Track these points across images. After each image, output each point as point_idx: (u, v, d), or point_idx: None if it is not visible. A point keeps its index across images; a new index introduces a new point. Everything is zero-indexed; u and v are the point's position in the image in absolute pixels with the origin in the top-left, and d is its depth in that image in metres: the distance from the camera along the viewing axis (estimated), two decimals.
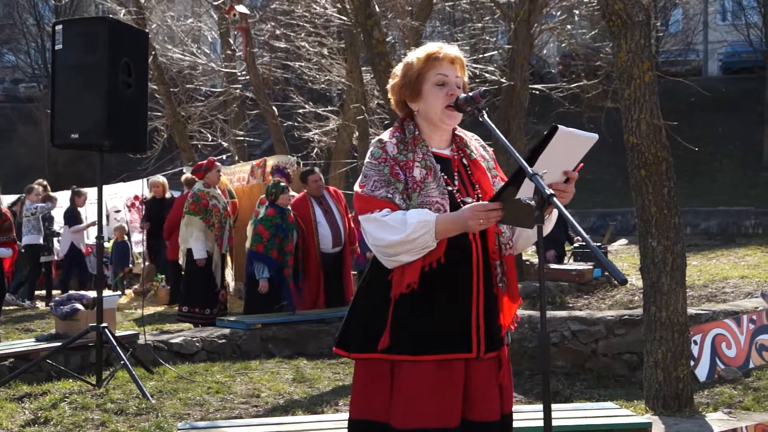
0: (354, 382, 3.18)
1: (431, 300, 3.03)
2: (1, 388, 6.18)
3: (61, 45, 6.52)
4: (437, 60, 3.14)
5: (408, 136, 3.15)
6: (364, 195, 3.07)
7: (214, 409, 5.81)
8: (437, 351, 3.01)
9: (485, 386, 3.08)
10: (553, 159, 2.90)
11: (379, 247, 3.03)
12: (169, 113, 17.75)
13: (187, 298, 10.26)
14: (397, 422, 3.00)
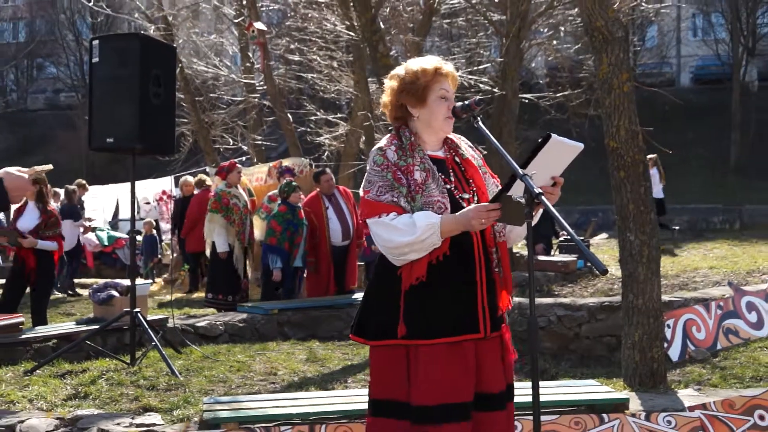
0: (372, 366, 3.21)
1: (439, 289, 3.06)
2: (46, 366, 6.19)
3: (97, 59, 6.53)
4: (442, 75, 3.17)
5: (405, 142, 3.16)
6: (370, 200, 3.09)
7: (236, 386, 5.83)
8: (449, 334, 3.04)
9: (492, 362, 3.13)
10: (544, 164, 2.94)
11: (388, 248, 3.05)
12: (194, 120, 17.78)
13: (212, 286, 10.30)
14: (418, 400, 3.02)
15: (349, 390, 5.67)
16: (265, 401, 4.86)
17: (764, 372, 6.10)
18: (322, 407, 4.63)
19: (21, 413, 4.70)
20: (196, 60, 18.37)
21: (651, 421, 4.58)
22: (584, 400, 4.74)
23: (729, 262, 12.08)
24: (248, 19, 16.50)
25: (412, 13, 13.81)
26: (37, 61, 49.44)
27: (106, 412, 4.86)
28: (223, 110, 18.87)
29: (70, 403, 5.24)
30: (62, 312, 10.25)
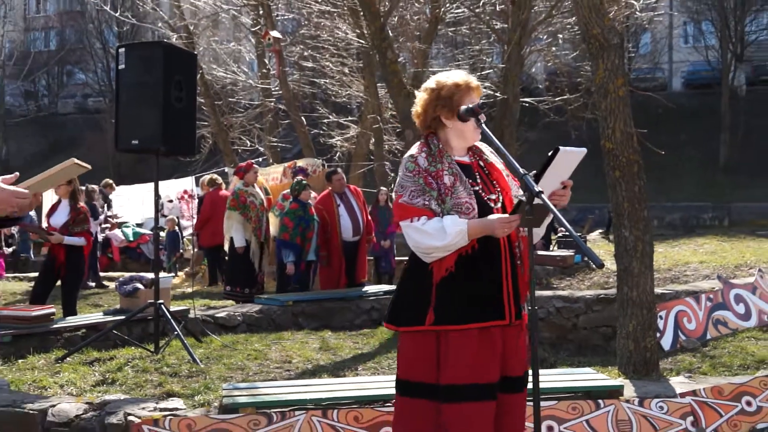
0: (401, 350, 3.30)
1: (468, 280, 3.13)
2: (75, 354, 6.22)
3: (123, 65, 6.54)
4: (472, 89, 3.26)
5: (434, 149, 3.24)
6: (403, 204, 3.18)
7: (253, 373, 5.83)
8: (479, 320, 3.11)
9: (515, 347, 3.21)
10: (555, 173, 3.07)
11: (420, 249, 3.16)
12: (213, 123, 17.82)
13: (230, 279, 10.32)
14: (448, 380, 3.10)
15: (359, 377, 5.68)
16: (281, 387, 4.87)
17: (751, 361, 6.08)
18: (334, 393, 4.63)
19: (52, 398, 4.72)
20: (215, 66, 18.41)
21: (644, 406, 4.57)
22: (581, 387, 4.74)
23: (718, 257, 12.05)
24: (264, 27, 16.50)
25: (419, 21, 13.79)
26: (67, 68, 49.62)
27: (132, 397, 4.88)
28: (241, 114, 18.90)
29: (98, 389, 5.26)
30: (90, 303, 10.29)
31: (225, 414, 4.32)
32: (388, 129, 15.74)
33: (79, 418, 4.39)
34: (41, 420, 4.41)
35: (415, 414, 3.21)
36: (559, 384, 4.76)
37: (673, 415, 4.58)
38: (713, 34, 38.37)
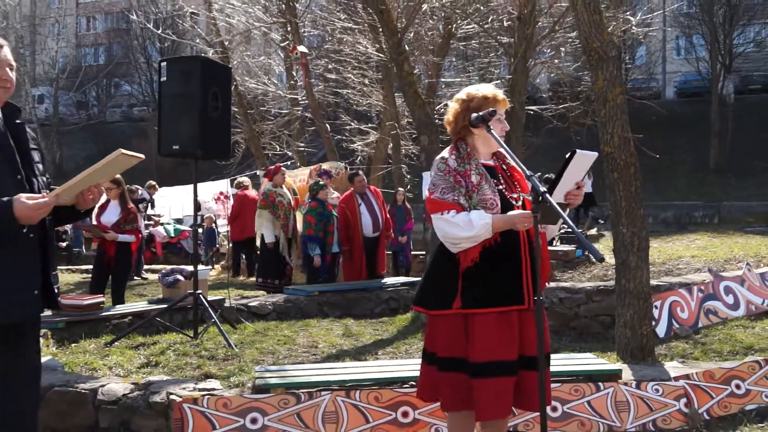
0: (431, 331, 3.39)
1: (491, 268, 3.21)
2: (123, 339, 6.27)
3: (165, 78, 6.58)
4: (498, 102, 3.35)
5: (462, 152, 3.33)
6: (435, 199, 3.26)
7: (283, 357, 5.86)
8: (499, 305, 3.19)
9: (533, 330, 3.22)
10: (572, 173, 3.14)
11: (448, 240, 3.23)
12: (246, 129, 17.85)
13: (262, 272, 10.37)
14: (474, 357, 3.19)
15: (379, 361, 5.69)
16: (308, 370, 4.88)
17: (740, 347, 6.03)
18: (356, 375, 4.64)
19: (102, 379, 4.75)
20: (248, 78, 18.45)
21: (641, 389, 4.55)
22: (582, 371, 4.71)
23: (709, 252, 11.94)
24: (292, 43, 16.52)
25: (433, 36, 13.76)
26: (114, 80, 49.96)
27: (174, 378, 4.91)
28: (271, 121, 18.94)
29: (143, 371, 5.30)
30: (136, 293, 10.37)
31: (257, 394, 4.34)
32: (404, 135, 15.72)
33: (126, 397, 4.42)
34: (92, 399, 4.44)
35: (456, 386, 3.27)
36: (562, 368, 4.74)
37: (668, 397, 4.55)
38: (703, 46, 38.11)
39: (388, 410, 4.29)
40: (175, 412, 4.19)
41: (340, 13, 14.58)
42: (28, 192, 2.88)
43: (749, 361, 4.96)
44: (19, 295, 2.90)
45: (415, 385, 4.33)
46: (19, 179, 2.92)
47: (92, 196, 3.00)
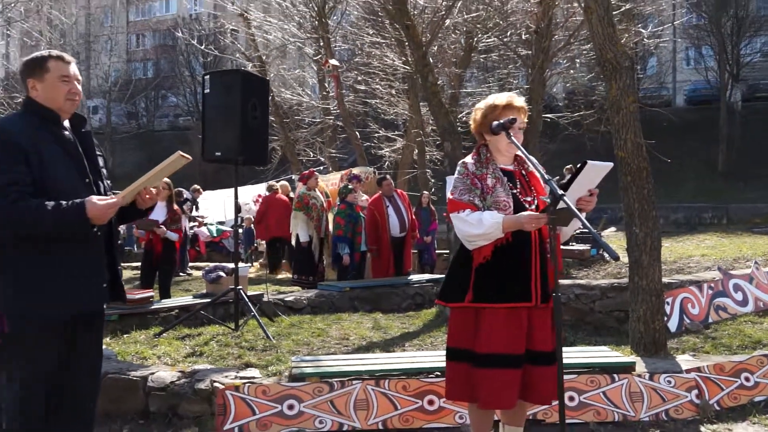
0: (450, 322, 3.40)
1: (502, 267, 3.19)
2: (170, 330, 6.32)
3: (208, 90, 6.63)
4: (510, 109, 3.31)
5: (482, 157, 3.33)
6: (453, 199, 3.28)
7: (317, 348, 5.86)
8: (507, 301, 3.17)
9: (542, 327, 3.23)
10: (585, 182, 3.11)
11: (463, 236, 3.24)
12: (282, 137, 17.96)
13: (297, 269, 10.41)
14: (480, 349, 3.17)
15: (406, 352, 5.68)
16: (340, 360, 4.89)
17: (749, 342, 5.93)
18: (385, 366, 4.64)
19: (151, 367, 4.80)
20: (284, 90, 18.56)
21: (654, 380, 4.49)
22: (598, 363, 4.66)
23: (718, 251, 11.75)
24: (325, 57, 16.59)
25: (455, 50, 13.73)
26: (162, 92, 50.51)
27: (217, 367, 4.94)
28: (305, 129, 19.03)
29: (188, 360, 5.34)
30: (182, 288, 10.46)
31: (294, 382, 4.36)
32: (429, 141, 15.70)
33: (173, 384, 4.46)
34: (143, 385, 4.49)
35: (458, 375, 3.27)
36: (578, 360, 4.69)
37: (680, 388, 4.49)
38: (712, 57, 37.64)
39: (414, 398, 4.29)
40: (218, 398, 4.23)
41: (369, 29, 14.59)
42: (95, 194, 2.96)
43: (758, 354, 4.87)
44: (90, 288, 2.99)
45: (440, 375, 4.34)
46: (87, 182, 3.00)
47: (149, 196, 3.11)
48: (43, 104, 2.98)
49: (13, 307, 2.88)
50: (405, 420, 4.25)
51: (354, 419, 4.21)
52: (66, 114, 3.04)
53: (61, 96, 2.97)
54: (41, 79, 2.97)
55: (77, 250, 2.94)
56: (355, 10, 16.93)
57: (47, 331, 2.90)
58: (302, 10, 17.27)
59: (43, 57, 3.01)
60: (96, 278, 3.02)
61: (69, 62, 3.03)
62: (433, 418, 4.26)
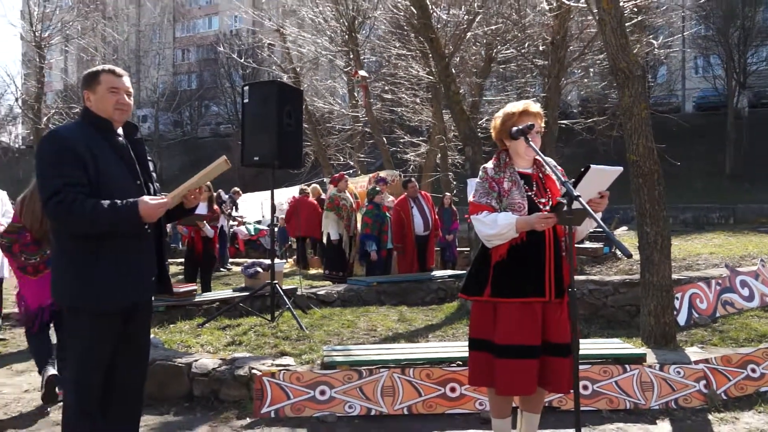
0: (471, 315, 3.38)
1: (518, 263, 3.18)
2: (212, 321, 6.38)
3: (247, 99, 6.67)
4: (526, 115, 3.29)
5: (501, 162, 3.32)
6: (473, 202, 3.29)
7: (346, 338, 5.87)
8: (522, 296, 3.16)
9: (556, 320, 3.20)
10: (590, 185, 3.04)
11: (481, 236, 3.23)
12: (315, 143, 18.05)
13: (328, 265, 10.44)
14: (498, 340, 3.18)
15: (430, 343, 5.66)
16: (368, 350, 4.89)
17: (755, 335, 5.81)
18: (410, 355, 4.63)
19: (195, 354, 4.84)
20: (316, 99, 18.65)
21: (664, 371, 4.42)
22: (611, 354, 4.61)
23: (725, 249, 11.55)
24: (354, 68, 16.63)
25: (476, 60, 13.65)
26: (205, 102, 51.07)
27: (255, 355, 4.96)
28: (336, 135, 19.11)
29: (229, 348, 5.37)
30: (223, 282, 10.56)
31: (325, 370, 4.37)
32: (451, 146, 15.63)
33: (215, 370, 4.50)
34: (187, 371, 4.54)
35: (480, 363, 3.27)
36: (592, 351, 4.64)
37: (689, 378, 4.41)
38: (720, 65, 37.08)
39: (437, 386, 4.27)
40: (256, 383, 4.26)
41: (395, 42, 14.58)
42: (146, 195, 3.01)
43: (764, 347, 4.77)
44: (140, 282, 3.05)
45: (462, 364, 4.32)
46: (139, 184, 3.06)
47: (194, 196, 3.18)
48: (96, 113, 3.04)
49: (70, 299, 2.95)
50: (428, 406, 4.23)
51: (381, 404, 4.21)
52: (118, 123, 3.10)
53: (110, 106, 3.03)
54: (94, 91, 3.04)
55: (129, 246, 2.99)
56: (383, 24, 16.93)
57: (101, 320, 2.97)
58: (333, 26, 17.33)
59: (96, 71, 3.08)
60: (145, 273, 3.07)
61: (120, 75, 3.09)
62: (454, 404, 4.24)
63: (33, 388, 5.00)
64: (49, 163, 2.88)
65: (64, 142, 2.91)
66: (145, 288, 3.09)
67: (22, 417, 4.34)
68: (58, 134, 2.96)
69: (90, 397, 3.03)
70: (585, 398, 4.26)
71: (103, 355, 3.03)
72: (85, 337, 2.97)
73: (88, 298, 2.93)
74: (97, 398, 3.05)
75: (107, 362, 3.06)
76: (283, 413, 4.17)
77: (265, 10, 20.98)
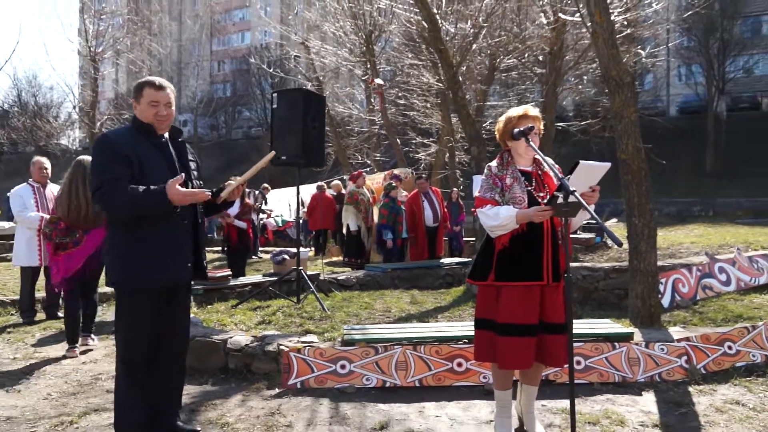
0: (477, 298, 3.37)
1: (519, 251, 3.17)
2: (244, 303, 6.40)
3: (276, 105, 6.67)
4: (525, 118, 3.28)
5: (504, 161, 3.31)
6: (478, 197, 3.29)
7: (364, 318, 5.88)
8: (523, 279, 3.16)
9: (553, 302, 3.19)
10: (581, 179, 2.98)
11: (486, 227, 3.23)
12: (335, 144, 18.03)
13: (347, 253, 10.45)
14: (500, 319, 3.17)
15: (439, 323, 5.65)
16: (384, 329, 4.89)
17: (731, 316, 5.74)
18: (421, 333, 4.62)
19: (230, 332, 4.87)
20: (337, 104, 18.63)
21: (649, 348, 4.38)
22: (601, 333, 4.57)
23: (705, 239, 11.42)
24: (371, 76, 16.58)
25: (481, 69, 13.57)
26: (238, 108, 51.28)
27: (282, 333, 4.98)
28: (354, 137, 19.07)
29: (259, 327, 5.39)
30: (254, 268, 10.61)
31: (345, 346, 4.38)
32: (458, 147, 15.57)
33: (247, 346, 4.53)
34: (223, 347, 4.57)
35: (484, 341, 3.27)
36: (585, 331, 4.60)
37: (671, 354, 4.37)
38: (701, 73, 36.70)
39: (446, 361, 4.27)
40: (284, 358, 4.28)
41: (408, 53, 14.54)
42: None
43: (739, 327, 4.71)
44: (177, 267, 3.12)
45: (468, 342, 4.31)
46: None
47: (238, 190, 3.30)
48: (141, 120, 3.13)
49: (118, 278, 3.07)
50: (438, 379, 4.23)
51: (395, 378, 4.22)
52: (161, 129, 3.17)
53: (150, 117, 3.12)
54: (139, 102, 3.14)
55: (167, 235, 3.07)
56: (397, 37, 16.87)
57: (144, 297, 3.06)
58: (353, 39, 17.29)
59: (141, 84, 3.17)
60: (182, 259, 3.14)
61: (161, 88, 3.13)
62: (461, 377, 4.24)
63: (90, 360, 5.07)
64: (97, 161, 3.01)
65: (112, 145, 3.01)
66: (181, 272, 3.14)
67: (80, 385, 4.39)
68: (107, 138, 3.07)
69: (138, 370, 3.11)
70: (578, 372, 4.23)
71: (146, 331, 3.10)
72: (130, 309, 3.08)
73: (130, 277, 3.03)
74: (144, 370, 3.13)
75: (151, 338, 3.13)
76: (307, 385, 4.19)
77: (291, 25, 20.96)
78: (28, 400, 4.04)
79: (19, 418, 3.71)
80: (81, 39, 22.41)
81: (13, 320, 6.62)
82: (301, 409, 3.82)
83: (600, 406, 3.84)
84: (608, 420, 3.59)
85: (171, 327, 3.22)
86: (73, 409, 3.86)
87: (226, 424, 3.55)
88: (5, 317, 6.77)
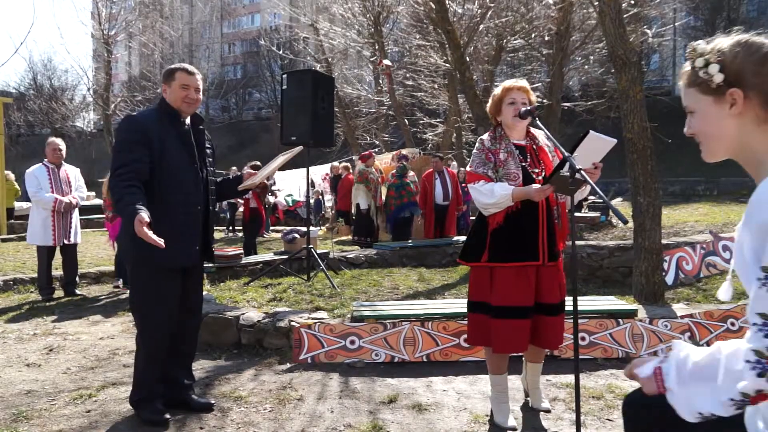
0: (470, 279, 3.25)
1: (513, 230, 3.03)
2: (256, 280, 6.43)
3: (285, 86, 6.64)
4: (511, 90, 3.12)
5: (497, 135, 3.15)
6: (470, 171, 3.10)
7: (373, 295, 5.89)
8: (517, 260, 3.03)
9: (549, 282, 3.08)
10: (586, 152, 2.82)
11: (478, 204, 3.06)
12: (344, 124, 17.95)
13: (356, 231, 10.45)
14: (494, 302, 3.05)
15: (446, 300, 5.65)
16: (392, 305, 4.90)
17: (734, 293, 5.66)
18: (428, 310, 4.63)
19: (242, 308, 4.90)
20: (345, 85, 18.50)
21: (653, 324, 4.36)
22: (606, 310, 4.55)
23: (709, 217, 11.32)
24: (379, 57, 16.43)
25: (488, 50, 13.39)
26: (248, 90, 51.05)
27: (293, 309, 5.01)
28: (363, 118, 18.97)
29: (271, 304, 5.42)
30: (265, 247, 10.64)
31: (355, 322, 4.39)
32: (465, 127, 15.46)
33: (259, 322, 4.55)
34: (235, 323, 4.60)
35: (477, 324, 3.17)
36: (589, 307, 4.59)
37: (675, 331, 4.35)
38: None
39: (452, 337, 4.27)
40: (294, 334, 4.30)
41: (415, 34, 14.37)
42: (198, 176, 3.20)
43: (742, 303, 4.68)
44: (186, 250, 3.20)
45: None
46: (195, 167, 3.22)
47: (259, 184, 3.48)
48: (169, 104, 3.18)
49: (135, 257, 3.13)
50: (444, 354, 4.24)
51: (403, 353, 4.23)
52: (185, 114, 3.22)
53: (180, 99, 3.16)
54: (170, 85, 3.18)
55: (179, 221, 3.14)
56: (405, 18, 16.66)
57: (160, 275, 3.14)
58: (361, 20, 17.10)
59: (174, 69, 3.22)
60: (191, 243, 3.21)
61: (192, 74, 3.21)
62: (467, 353, 4.24)
63: (107, 336, 5.12)
64: (121, 140, 3.06)
65: (137, 125, 3.07)
66: (190, 255, 3.22)
67: (98, 359, 4.44)
68: (134, 118, 3.12)
69: (156, 345, 3.18)
70: (583, 348, 4.23)
71: (163, 308, 3.16)
72: (144, 286, 3.14)
73: (145, 258, 3.07)
74: (162, 346, 3.20)
75: (169, 314, 3.19)
76: (318, 359, 4.21)
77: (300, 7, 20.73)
78: (48, 374, 4.09)
79: (39, 391, 3.76)
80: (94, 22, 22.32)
81: (32, 297, 6.69)
82: (311, 383, 3.84)
83: (604, 381, 3.84)
84: (612, 394, 3.59)
85: (184, 304, 3.30)
86: (92, 382, 3.91)
87: (240, 397, 3.58)
88: (25, 294, 6.84)
